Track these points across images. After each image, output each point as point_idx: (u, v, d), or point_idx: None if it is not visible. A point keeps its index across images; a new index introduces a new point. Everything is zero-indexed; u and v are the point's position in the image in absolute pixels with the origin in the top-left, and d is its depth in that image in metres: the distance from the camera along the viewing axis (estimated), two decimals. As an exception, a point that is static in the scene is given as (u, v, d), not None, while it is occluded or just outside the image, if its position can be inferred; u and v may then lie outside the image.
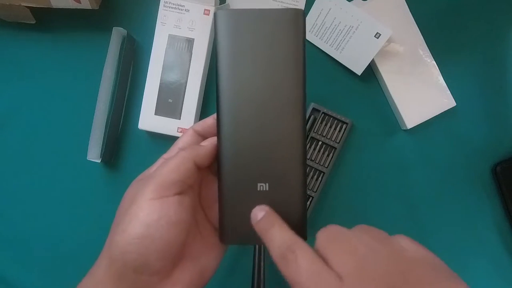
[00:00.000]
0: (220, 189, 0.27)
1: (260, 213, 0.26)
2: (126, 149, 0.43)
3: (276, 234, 0.25)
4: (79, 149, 0.41)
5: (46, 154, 0.43)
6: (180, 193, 0.26)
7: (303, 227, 0.28)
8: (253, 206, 0.27)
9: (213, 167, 0.29)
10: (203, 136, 0.30)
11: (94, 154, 0.40)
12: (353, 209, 0.43)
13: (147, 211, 0.24)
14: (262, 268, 0.33)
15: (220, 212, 0.28)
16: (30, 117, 0.43)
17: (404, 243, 0.24)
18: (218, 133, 0.27)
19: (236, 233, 0.27)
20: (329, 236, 0.24)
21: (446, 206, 0.43)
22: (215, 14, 0.27)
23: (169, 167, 0.26)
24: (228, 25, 0.27)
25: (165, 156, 0.30)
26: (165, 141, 0.42)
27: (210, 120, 0.30)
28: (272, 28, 0.27)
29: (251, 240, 0.28)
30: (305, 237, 0.28)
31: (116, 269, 0.24)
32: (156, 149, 0.42)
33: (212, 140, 0.28)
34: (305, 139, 0.27)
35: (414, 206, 0.43)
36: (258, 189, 0.27)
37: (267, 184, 0.27)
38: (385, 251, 0.23)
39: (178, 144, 0.30)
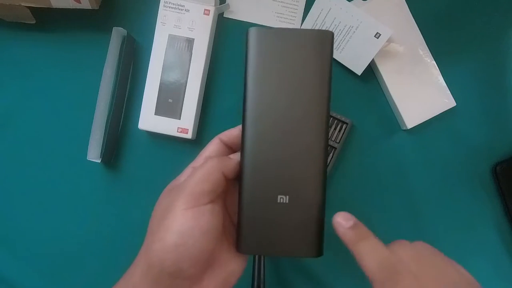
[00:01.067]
0: (240, 199, 0.28)
1: (347, 222, 0.27)
2: (126, 149, 0.43)
3: (373, 249, 0.26)
4: (79, 149, 0.41)
5: (46, 154, 0.43)
6: (211, 202, 0.27)
7: (320, 243, 0.28)
8: (272, 218, 0.27)
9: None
10: (228, 146, 0.31)
11: (94, 154, 0.40)
12: (353, 208, 0.42)
13: (182, 221, 0.26)
14: (262, 268, 0.33)
15: (239, 221, 0.28)
16: (30, 117, 0.43)
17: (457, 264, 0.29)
18: (242, 144, 0.28)
19: (253, 243, 0.28)
20: (413, 254, 0.27)
21: (446, 206, 0.43)
22: (247, 31, 0.28)
23: (199, 177, 0.27)
24: (259, 42, 0.28)
25: (192, 165, 0.31)
26: (165, 141, 0.42)
27: (236, 131, 0.31)
28: (301, 48, 0.28)
29: (268, 251, 0.28)
30: (321, 253, 0.28)
31: (154, 274, 0.26)
32: (156, 149, 0.43)
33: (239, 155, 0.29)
34: (327, 157, 0.28)
35: (414, 206, 0.43)
36: (278, 201, 0.27)
37: (287, 197, 0.28)
38: (456, 274, 0.27)
39: (205, 153, 0.31)
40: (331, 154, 0.42)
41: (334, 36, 0.42)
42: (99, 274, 0.42)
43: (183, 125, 0.40)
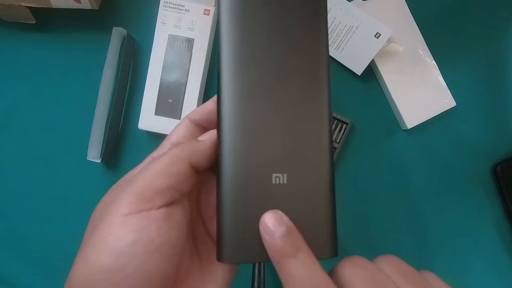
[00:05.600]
0: (219, 188, 0.20)
1: (278, 228, 0.19)
2: (126, 149, 0.43)
3: (301, 268, 0.18)
4: (79, 149, 0.41)
5: (46, 154, 0.43)
6: (168, 205, 0.19)
7: (334, 237, 0.21)
8: (266, 206, 0.20)
9: (215, 167, 0.22)
10: (202, 127, 0.23)
11: (94, 154, 0.40)
12: (353, 209, 0.43)
13: (119, 232, 0.17)
14: (262, 269, 0.33)
15: (219, 220, 0.20)
16: (30, 117, 0.43)
17: (435, 283, 0.20)
18: (219, 118, 0.21)
19: (239, 248, 0.20)
20: (359, 274, 0.19)
21: (446, 206, 0.43)
22: None
23: (155, 169, 0.19)
24: None
25: (154, 154, 0.23)
26: (165, 141, 0.42)
27: (210, 104, 0.23)
28: None
29: (261, 257, 0.20)
30: (335, 254, 0.21)
31: None
32: (156, 149, 0.43)
33: (214, 133, 0.21)
34: (332, 124, 0.22)
35: (414, 206, 0.43)
36: (274, 181, 0.20)
37: (285, 175, 0.20)
38: None
39: (171, 138, 0.23)
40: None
41: (334, 36, 0.42)
42: (99, 274, 0.42)
43: (183, 125, 0.40)
